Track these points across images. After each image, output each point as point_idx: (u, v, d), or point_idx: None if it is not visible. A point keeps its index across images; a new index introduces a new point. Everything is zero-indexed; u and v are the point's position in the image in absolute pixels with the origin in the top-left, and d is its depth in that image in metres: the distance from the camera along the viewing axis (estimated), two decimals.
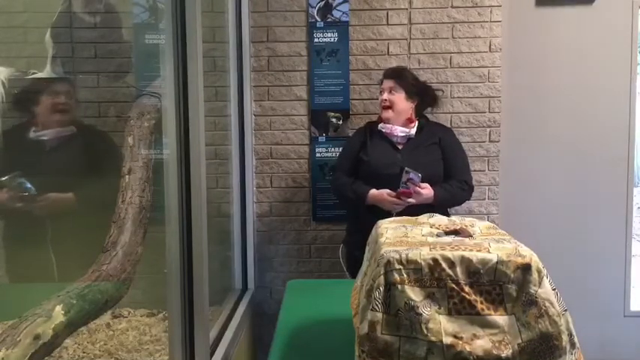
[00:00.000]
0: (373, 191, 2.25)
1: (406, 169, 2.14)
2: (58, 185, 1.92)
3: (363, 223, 1.85)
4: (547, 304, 0.96)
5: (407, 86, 2.33)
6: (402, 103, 2.31)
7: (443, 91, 2.62)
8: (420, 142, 2.33)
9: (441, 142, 2.34)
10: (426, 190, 2.17)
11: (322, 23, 2.76)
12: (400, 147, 2.32)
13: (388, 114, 2.31)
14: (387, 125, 2.33)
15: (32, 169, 1.93)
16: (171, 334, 1.46)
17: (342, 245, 2.59)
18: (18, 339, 1.28)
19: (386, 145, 2.33)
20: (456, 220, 1.27)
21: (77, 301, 1.48)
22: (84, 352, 1.68)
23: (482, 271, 0.98)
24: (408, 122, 2.33)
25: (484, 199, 2.78)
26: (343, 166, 2.43)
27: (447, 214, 2.11)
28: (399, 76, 2.35)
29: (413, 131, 2.33)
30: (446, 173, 2.32)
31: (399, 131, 2.31)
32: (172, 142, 1.41)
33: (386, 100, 2.31)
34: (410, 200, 2.15)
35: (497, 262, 0.98)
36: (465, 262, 0.98)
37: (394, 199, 2.18)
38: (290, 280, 2.18)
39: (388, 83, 2.33)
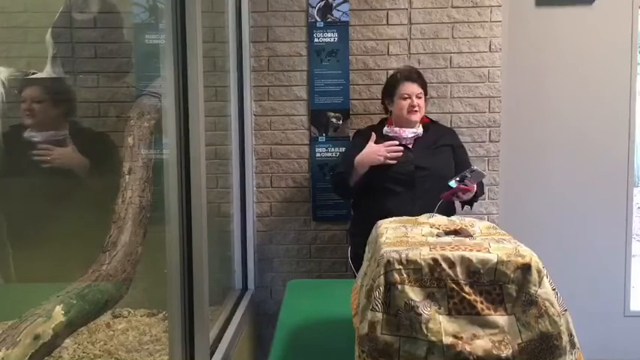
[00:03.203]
0: (360, 155, 2.25)
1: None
2: (48, 187, 1.92)
3: (365, 225, 1.85)
4: (547, 304, 0.96)
5: (426, 88, 2.37)
6: (424, 105, 2.34)
7: None
8: (430, 142, 2.34)
9: (453, 146, 2.39)
10: (476, 188, 2.20)
11: (322, 23, 2.76)
12: (410, 146, 2.33)
13: (416, 117, 2.31)
14: (395, 129, 2.34)
15: (21, 170, 1.93)
16: (171, 334, 1.46)
17: (349, 246, 2.60)
18: (18, 339, 1.28)
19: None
20: (456, 220, 1.27)
21: (77, 301, 1.48)
22: (84, 352, 1.68)
23: (482, 271, 0.98)
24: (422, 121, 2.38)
25: (484, 199, 2.78)
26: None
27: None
28: (421, 77, 2.35)
29: (420, 130, 2.34)
30: (457, 173, 2.33)
31: (407, 133, 2.32)
32: (172, 142, 1.41)
33: (414, 106, 2.29)
34: (463, 196, 2.16)
35: (497, 262, 0.98)
36: (465, 262, 0.98)
37: (388, 147, 2.20)
38: (290, 280, 2.18)
39: (415, 89, 2.30)
